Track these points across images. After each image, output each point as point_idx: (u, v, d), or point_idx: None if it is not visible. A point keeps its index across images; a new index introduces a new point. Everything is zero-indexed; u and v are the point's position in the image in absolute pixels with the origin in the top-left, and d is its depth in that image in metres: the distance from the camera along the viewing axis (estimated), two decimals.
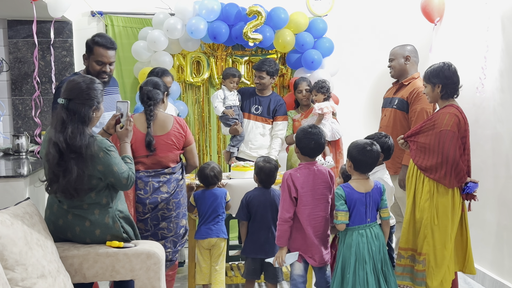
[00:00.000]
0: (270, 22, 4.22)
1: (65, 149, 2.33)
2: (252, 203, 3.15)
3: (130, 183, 2.49)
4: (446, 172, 2.94)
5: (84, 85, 2.41)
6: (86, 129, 2.40)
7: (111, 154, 2.41)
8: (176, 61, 4.53)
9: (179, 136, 3.03)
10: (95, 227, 2.45)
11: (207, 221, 3.27)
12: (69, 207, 2.44)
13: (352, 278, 2.64)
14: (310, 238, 2.79)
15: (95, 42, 3.03)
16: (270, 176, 3.17)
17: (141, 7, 4.55)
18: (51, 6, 3.77)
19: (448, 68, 3.03)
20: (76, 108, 2.38)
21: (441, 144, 2.94)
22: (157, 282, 2.48)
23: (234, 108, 4.17)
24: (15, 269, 2.01)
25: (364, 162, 2.73)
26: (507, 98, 3.45)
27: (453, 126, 2.92)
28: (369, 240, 2.68)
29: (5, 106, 4.37)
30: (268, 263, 3.08)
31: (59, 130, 2.35)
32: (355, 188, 2.72)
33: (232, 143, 4.24)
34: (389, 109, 3.86)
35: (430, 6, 4.27)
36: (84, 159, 2.35)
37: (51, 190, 2.41)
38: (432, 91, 3.07)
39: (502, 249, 3.53)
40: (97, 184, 2.43)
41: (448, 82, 3.01)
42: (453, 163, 2.92)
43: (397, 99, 3.80)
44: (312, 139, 2.83)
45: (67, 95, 2.40)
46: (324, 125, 3.96)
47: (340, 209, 2.68)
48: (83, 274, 2.40)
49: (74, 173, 2.33)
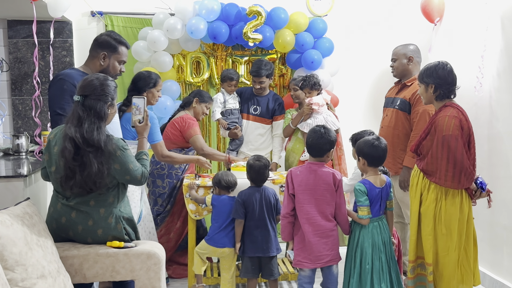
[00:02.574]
0: (270, 22, 4.22)
1: (81, 144, 2.35)
2: (248, 202, 3.17)
3: (144, 180, 2.54)
4: (454, 175, 2.83)
5: (98, 82, 2.45)
6: (103, 124, 2.44)
7: (126, 153, 2.47)
8: (176, 61, 4.53)
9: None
10: (98, 227, 2.46)
11: (226, 228, 3.26)
12: (75, 204, 2.44)
13: (371, 268, 2.77)
14: (307, 236, 2.83)
15: (120, 41, 2.97)
16: (259, 174, 3.19)
17: (141, 7, 4.55)
18: (51, 6, 3.78)
19: (443, 67, 2.91)
20: (92, 104, 2.41)
21: (446, 149, 2.83)
22: (158, 283, 2.48)
23: (234, 111, 4.18)
24: (15, 269, 2.01)
25: (377, 157, 2.84)
26: (505, 97, 3.45)
27: (454, 129, 2.81)
28: (382, 231, 2.84)
29: (5, 106, 4.37)
30: (264, 261, 3.18)
31: (75, 125, 2.38)
32: (373, 184, 2.83)
33: (231, 147, 4.25)
34: (391, 109, 3.83)
35: (430, 6, 4.27)
36: (103, 152, 2.38)
37: (66, 187, 2.41)
38: (426, 91, 2.98)
39: (502, 249, 3.53)
40: (110, 182, 2.45)
41: (442, 83, 2.90)
42: (461, 167, 2.82)
43: (399, 99, 3.76)
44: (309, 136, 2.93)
45: (82, 91, 2.43)
46: (316, 118, 3.96)
47: (365, 204, 2.79)
48: (83, 274, 2.40)
49: (94, 167, 2.35)
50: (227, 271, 3.30)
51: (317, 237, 2.82)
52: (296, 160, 4.12)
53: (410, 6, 4.70)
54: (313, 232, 2.82)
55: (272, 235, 3.17)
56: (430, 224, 2.93)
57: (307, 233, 2.83)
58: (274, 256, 3.21)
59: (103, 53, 2.92)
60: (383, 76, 4.87)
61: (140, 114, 2.77)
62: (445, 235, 2.90)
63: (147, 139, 2.81)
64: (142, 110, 2.77)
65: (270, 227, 3.18)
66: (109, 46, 2.94)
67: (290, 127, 4.14)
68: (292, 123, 4.10)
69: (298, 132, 4.14)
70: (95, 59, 2.94)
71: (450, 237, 2.90)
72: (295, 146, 4.15)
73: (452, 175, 2.84)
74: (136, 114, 2.76)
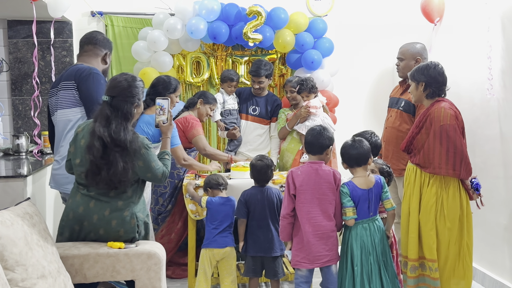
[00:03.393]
0: (270, 22, 4.22)
1: (109, 143, 2.43)
2: (250, 201, 3.17)
3: (164, 178, 2.62)
4: (455, 163, 2.87)
5: (126, 83, 2.53)
6: (129, 124, 2.52)
7: (150, 151, 2.55)
8: (176, 61, 4.52)
9: None
10: (113, 217, 2.51)
11: (224, 229, 3.24)
12: (96, 194, 2.51)
13: (360, 270, 2.77)
14: (306, 236, 2.83)
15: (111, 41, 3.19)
16: (262, 174, 3.19)
17: (141, 7, 4.54)
18: (51, 6, 3.77)
19: (434, 67, 2.99)
20: (119, 105, 2.49)
21: (445, 138, 2.87)
22: (158, 283, 2.48)
23: (232, 111, 4.19)
24: (15, 269, 2.00)
25: (349, 156, 2.86)
26: (507, 98, 3.45)
27: (451, 119, 2.87)
28: (372, 233, 2.83)
29: (3, 107, 4.37)
30: (267, 261, 3.17)
31: (103, 125, 2.46)
32: (357, 185, 2.82)
33: (229, 148, 4.26)
34: (395, 110, 3.80)
35: (430, 6, 4.27)
36: (128, 152, 2.46)
37: (92, 181, 2.47)
38: (416, 89, 3.04)
39: (502, 249, 3.53)
40: (132, 178, 2.51)
41: (432, 81, 2.97)
42: (462, 155, 2.86)
43: (404, 100, 3.73)
44: (308, 134, 2.95)
45: (110, 92, 2.51)
46: (314, 120, 3.96)
47: (348, 206, 2.81)
48: (84, 274, 2.40)
49: (120, 166, 2.43)
50: (228, 275, 3.25)
51: (317, 238, 2.82)
52: (291, 160, 4.10)
53: (410, 6, 4.69)
54: (313, 233, 2.82)
55: (275, 235, 3.15)
56: (431, 219, 2.95)
57: (307, 234, 2.82)
58: (278, 256, 3.19)
59: (106, 52, 3.07)
60: (383, 76, 4.87)
61: (164, 115, 2.86)
62: (448, 229, 2.93)
63: (170, 139, 2.88)
64: (167, 111, 2.85)
65: (272, 227, 3.16)
66: (110, 46, 3.13)
67: (286, 129, 4.13)
68: (288, 125, 4.09)
69: (293, 131, 4.13)
70: (98, 58, 3.06)
71: (453, 231, 2.93)
72: (290, 145, 4.14)
73: (453, 163, 2.86)
74: (160, 114, 2.84)
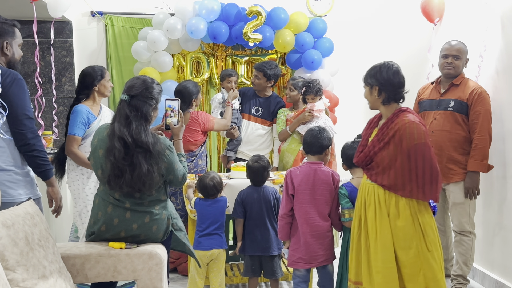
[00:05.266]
0: (270, 22, 4.23)
1: (131, 144, 2.37)
2: (246, 201, 3.17)
3: (184, 181, 2.59)
4: (432, 183, 2.50)
5: (145, 84, 2.48)
6: (148, 126, 2.46)
7: (173, 152, 2.50)
8: (176, 61, 4.53)
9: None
10: (153, 223, 2.50)
11: (211, 231, 3.17)
12: (131, 205, 2.47)
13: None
14: (304, 236, 2.84)
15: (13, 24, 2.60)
16: (257, 175, 3.19)
17: (141, 7, 4.55)
18: (51, 6, 3.78)
19: (388, 68, 2.58)
20: (139, 105, 2.43)
21: (420, 158, 2.48)
22: (159, 283, 2.48)
23: (233, 111, 4.17)
24: (16, 269, 2.00)
25: (347, 156, 2.89)
26: (505, 97, 3.45)
27: (425, 136, 2.50)
28: None
29: None
30: (266, 260, 3.17)
31: (124, 124, 2.39)
32: (356, 186, 2.81)
33: (229, 147, 4.25)
34: (441, 111, 3.47)
35: (430, 6, 4.27)
36: (152, 154, 2.40)
37: (115, 185, 2.42)
38: (370, 94, 2.65)
39: (503, 249, 3.53)
40: (159, 181, 2.48)
41: (386, 84, 2.56)
42: (437, 176, 2.52)
43: (453, 100, 3.43)
44: (307, 134, 2.98)
45: (129, 91, 2.45)
46: (316, 123, 3.95)
47: (346, 207, 2.80)
48: (85, 274, 2.40)
49: (143, 168, 2.37)
50: (215, 276, 3.19)
51: (314, 238, 2.84)
52: (292, 160, 4.08)
53: (410, 6, 4.70)
54: (310, 233, 2.84)
55: (273, 234, 3.16)
56: (414, 242, 2.51)
57: (304, 234, 2.84)
58: (275, 256, 3.20)
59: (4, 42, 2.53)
60: None
61: (175, 116, 2.79)
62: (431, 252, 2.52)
63: (182, 141, 2.81)
64: (177, 112, 2.78)
65: (270, 226, 3.17)
66: (7, 32, 2.56)
67: (287, 132, 4.08)
68: (290, 129, 4.06)
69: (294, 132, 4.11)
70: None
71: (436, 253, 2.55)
72: (290, 146, 4.12)
73: (430, 184, 2.50)
74: (171, 116, 2.77)
